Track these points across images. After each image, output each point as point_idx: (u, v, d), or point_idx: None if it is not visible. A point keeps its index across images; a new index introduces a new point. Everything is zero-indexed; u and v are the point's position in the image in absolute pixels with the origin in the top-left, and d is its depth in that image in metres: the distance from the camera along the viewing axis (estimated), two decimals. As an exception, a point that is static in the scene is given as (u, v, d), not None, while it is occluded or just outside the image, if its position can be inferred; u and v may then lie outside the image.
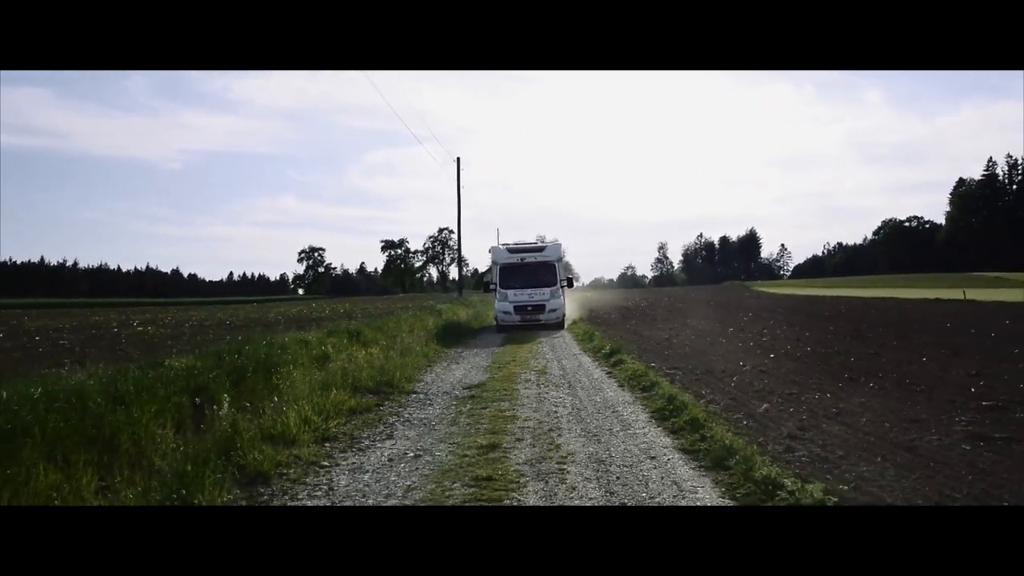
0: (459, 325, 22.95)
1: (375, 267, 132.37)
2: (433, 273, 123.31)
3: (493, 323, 22.58)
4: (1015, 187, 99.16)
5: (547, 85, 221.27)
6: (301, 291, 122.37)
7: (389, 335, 16.02)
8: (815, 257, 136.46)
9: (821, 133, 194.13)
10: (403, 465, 6.12)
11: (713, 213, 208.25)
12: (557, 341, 17.96)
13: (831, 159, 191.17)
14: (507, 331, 21.15)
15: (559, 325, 21.73)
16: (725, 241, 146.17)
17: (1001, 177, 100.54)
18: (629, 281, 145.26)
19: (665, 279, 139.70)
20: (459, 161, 43.52)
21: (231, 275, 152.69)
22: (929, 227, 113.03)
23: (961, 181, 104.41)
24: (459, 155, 48.42)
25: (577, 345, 16.79)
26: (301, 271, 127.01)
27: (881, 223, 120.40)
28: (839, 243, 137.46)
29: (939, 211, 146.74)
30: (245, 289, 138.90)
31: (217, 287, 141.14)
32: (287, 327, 17.36)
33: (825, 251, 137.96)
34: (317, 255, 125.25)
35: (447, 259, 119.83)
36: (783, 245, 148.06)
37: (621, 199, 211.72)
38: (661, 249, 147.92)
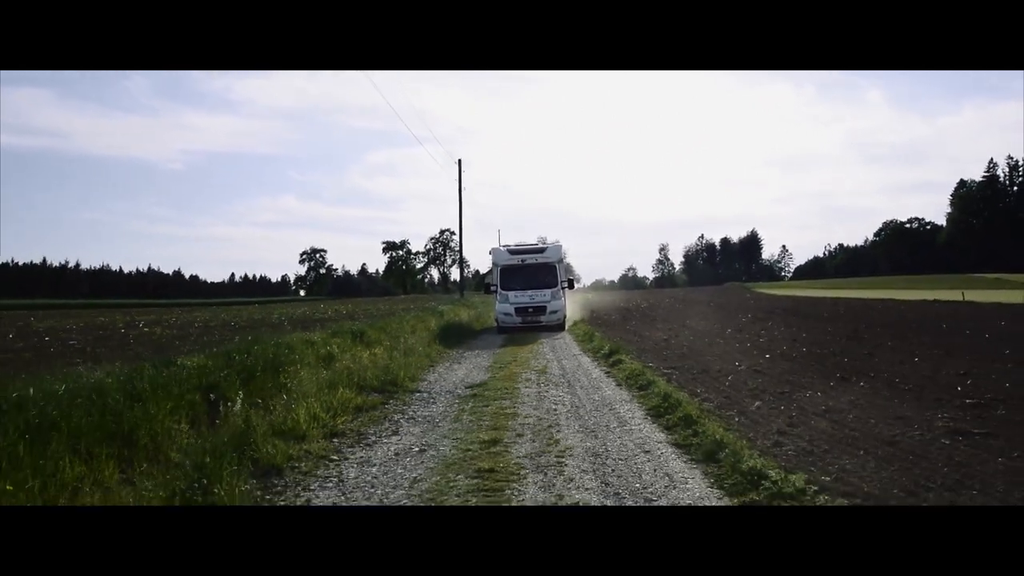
0: (461, 326, 23.15)
1: (376, 268, 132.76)
2: (434, 274, 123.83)
3: (494, 324, 22.59)
4: (1016, 188, 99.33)
5: (547, 85, 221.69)
6: (302, 292, 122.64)
7: (392, 336, 16.34)
8: (816, 258, 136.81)
9: (821, 133, 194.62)
10: (409, 459, 6.42)
11: (714, 214, 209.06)
12: (558, 342, 18.24)
13: (831, 159, 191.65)
14: (508, 332, 21.20)
15: (560, 327, 21.62)
16: (726, 242, 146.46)
17: (1002, 178, 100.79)
18: (630, 282, 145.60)
19: (666, 280, 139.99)
20: (460, 163, 43.88)
21: (232, 276, 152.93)
22: (930, 228, 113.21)
23: (962, 183, 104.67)
24: (460, 156, 48.71)
25: (577, 346, 17.08)
26: (303, 272, 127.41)
27: (882, 224, 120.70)
28: (840, 244, 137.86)
29: (940, 211, 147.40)
30: (246, 290, 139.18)
31: (218, 288, 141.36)
32: (292, 328, 17.69)
33: (826, 252, 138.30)
34: (319, 256, 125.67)
35: (448, 260, 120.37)
36: (784, 246, 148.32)
37: (622, 200, 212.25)
38: (662, 250, 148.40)
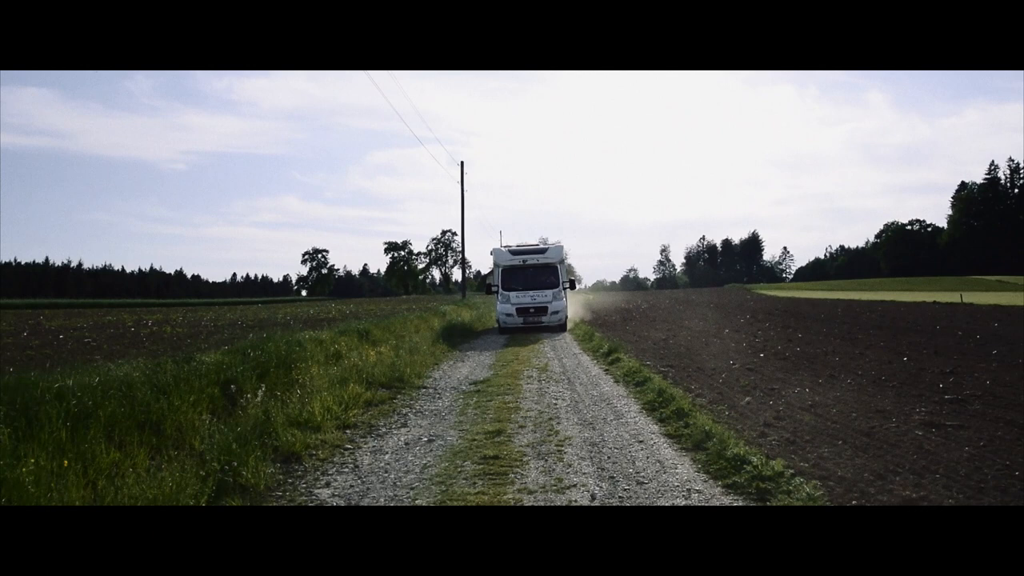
0: (463, 326, 23.56)
1: (378, 268, 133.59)
2: (436, 275, 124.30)
3: (496, 325, 22.89)
4: (1016, 191, 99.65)
5: (549, 86, 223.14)
6: (304, 292, 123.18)
7: (397, 335, 16.81)
8: (817, 260, 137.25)
9: (824, 135, 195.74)
10: (418, 448, 6.86)
11: (716, 215, 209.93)
12: (558, 342, 18.68)
13: (834, 160, 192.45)
14: (510, 333, 21.55)
15: (562, 327, 21.77)
16: (727, 244, 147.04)
17: (1003, 181, 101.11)
18: (631, 283, 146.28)
19: (667, 281, 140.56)
20: (463, 165, 44.37)
21: (234, 276, 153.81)
22: (931, 230, 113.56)
23: (963, 185, 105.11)
24: (462, 157, 49.16)
25: (577, 345, 17.52)
26: (304, 272, 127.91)
27: (883, 226, 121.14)
28: (841, 246, 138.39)
29: (941, 212, 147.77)
30: (248, 290, 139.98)
31: (220, 288, 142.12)
32: (299, 327, 18.13)
33: (827, 254, 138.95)
34: (321, 256, 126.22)
35: (450, 261, 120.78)
36: (785, 248, 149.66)
37: (624, 201, 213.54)
38: (663, 251, 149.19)
